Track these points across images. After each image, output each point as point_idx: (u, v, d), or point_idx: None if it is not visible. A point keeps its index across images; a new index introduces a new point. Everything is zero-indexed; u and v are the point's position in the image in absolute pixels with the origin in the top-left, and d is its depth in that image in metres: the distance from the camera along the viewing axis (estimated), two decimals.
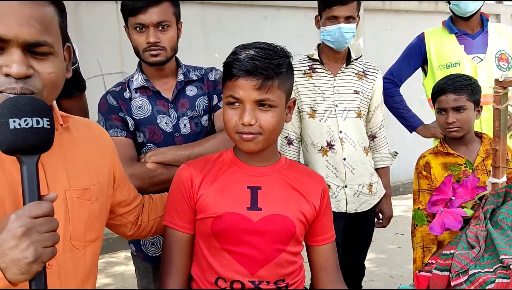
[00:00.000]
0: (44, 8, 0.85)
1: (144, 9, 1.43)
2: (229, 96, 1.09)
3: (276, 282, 1.12)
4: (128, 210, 1.19)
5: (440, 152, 1.77)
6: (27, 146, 0.76)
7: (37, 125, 0.76)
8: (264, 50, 1.08)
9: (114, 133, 1.46)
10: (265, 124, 1.08)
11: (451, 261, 1.18)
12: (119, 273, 3.71)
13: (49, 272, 0.88)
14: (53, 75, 0.86)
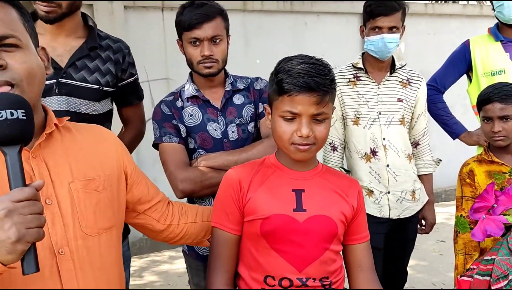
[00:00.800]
0: (5, 9, 0.95)
1: (200, 25, 1.53)
2: (287, 111, 1.14)
3: (321, 279, 1.19)
4: (149, 207, 1.23)
5: (484, 160, 1.77)
6: (4, 137, 0.82)
7: (11, 116, 0.82)
8: (316, 65, 1.14)
9: (168, 139, 1.58)
10: (319, 135, 1.15)
11: (492, 266, 1.21)
12: (164, 271, 3.86)
13: (63, 258, 0.96)
14: (25, 66, 0.93)
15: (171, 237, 1.30)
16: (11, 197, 0.79)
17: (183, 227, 1.29)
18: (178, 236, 1.30)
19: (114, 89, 1.67)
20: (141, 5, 4.61)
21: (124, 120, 1.85)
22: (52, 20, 1.50)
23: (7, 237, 0.76)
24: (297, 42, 5.24)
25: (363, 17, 2.03)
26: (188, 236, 1.31)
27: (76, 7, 1.56)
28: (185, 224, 1.29)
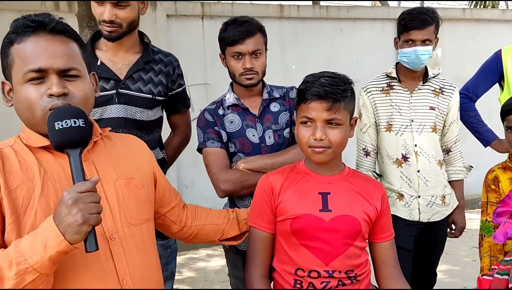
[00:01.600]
0: (68, 44, 1.12)
1: (242, 41, 1.69)
2: (303, 116, 1.31)
3: (347, 272, 1.31)
4: (168, 209, 1.39)
5: (509, 167, 1.83)
6: (69, 141, 1.01)
7: (75, 124, 1.02)
8: (332, 78, 1.29)
9: (211, 144, 1.74)
10: (333, 139, 1.28)
11: (510, 266, 1.29)
12: (201, 268, 4.05)
13: (114, 243, 1.12)
14: (83, 93, 1.12)
15: (184, 237, 1.47)
16: (76, 189, 0.97)
17: (194, 229, 1.45)
18: (191, 236, 1.46)
19: (164, 98, 1.85)
20: (182, 13, 4.83)
21: (173, 125, 2.03)
22: (114, 38, 1.70)
23: (74, 220, 0.94)
24: (332, 48, 5.32)
25: (397, 29, 2.11)
26: (199, 237, 1.47)
27: (134, 27, 1.75)
28: (196, 227, 1.45)
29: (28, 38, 1.08)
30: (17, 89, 1.10)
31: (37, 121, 1.08)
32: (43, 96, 1.07)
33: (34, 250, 0.95)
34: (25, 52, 1.08)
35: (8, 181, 1.05)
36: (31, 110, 1.08)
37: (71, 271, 1.06)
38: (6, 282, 0.94)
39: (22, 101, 1.09)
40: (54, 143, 1.04)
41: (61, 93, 1.07)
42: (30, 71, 1.06)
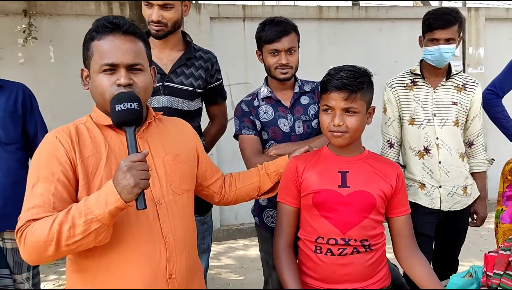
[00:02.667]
0: (137, 43, 1.35)
1: (279, 39, 1.90)
2: (324, 105, 1.50)
3: (362, 241, 1.49)
4: (211, 183, 1.61)
5: None
6: (126, 120, 1.24)
7: (130, 107, 1.24)
8: (351, 71, 1.47)
9: (246, 131, 1.95)
10: (350, 125, 1.46)
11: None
12: (239, 256, 4.29)
13: (160, 207, 1.34)
14: (144, 84, 1.34)
15: (227, 203, 1.69)
16: (130, 158, 1.18)
17: (233, 194, 1.67)
18: (233, 200, 1.68)
19: (204, 91, 2.09)
20: (225, 16, 5.07)
21: (211, 116, 2.27)
22: (160, 36, 1.95)
23: (128, 183, 1.15)
24: (371, 48, 5.39)
25: (422, 28, 2.26)
26: (240, 198, 1.69)
27: (178, 26, 2.00)
28: (235, 191, 1.67)
29: (106, 37, 1.32)
30: (93, 76, 1.34)
31: (106, 103, 1.32)
32: (113, 85, 1.31)
33: (98, 205, 1.17)
34: (103, 48, 1.32)
35: (82, 152, 1.30)
36: (102, 95, 1.32)
37: (127, 227, 1.30)
38: (77, 228, 1.17)
39: (97, 86, 1.33)
40: (114, 121, 1.27)
41: (127, 84, 1.30)
42: (105, 64, 1.31)
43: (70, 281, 1.38)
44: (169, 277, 1.34)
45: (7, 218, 2.21)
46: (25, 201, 1.28)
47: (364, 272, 1.50)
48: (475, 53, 5.75)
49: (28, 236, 1.20)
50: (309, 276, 1.54)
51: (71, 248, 1.20)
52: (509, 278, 1.39)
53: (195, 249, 1.48)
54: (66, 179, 1.27)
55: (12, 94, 2.26)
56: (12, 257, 2.23)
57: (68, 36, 4.59)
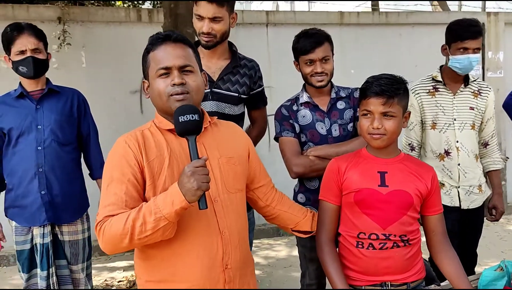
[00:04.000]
0: (186, 49, 1.49)
1: (313, 50, 2.04)
2: (364, 109, 1.62)
3: (401, 236, 1.60)
4: (257, 187, 1.68)
5: None
6: (189, 130, 1.36)
7: (192, 118, 1.36)
8: (388, 79, 1.59)
9: (286, 134, 2.09)
10: (388, 128, 1.58)
11: None
12: (265, 255, 4.41)
13: (217, 204, 1.46)
14: (195, 83, 1.46)
15: (266, 215, 1.76)
16: (193, 164, 1.31)
17: (276, 211, 1.72)
18: (272, 216, 1.74)
19: (247, 96, 2.24)
20: (249, 22, 5.20)
21: (252, 120, 2.41)
22: (210, 46, 2.11)
23: (192, 187, 1.27)
24: (391, 53, 5.46)
25: (448, 37, 2.39)
26: (278, 219, 1.75)
27: (226, 37, 2.15)
28: (279, 210, 1.72)
29: (159, 47, 1.48)
30: (152, 83, 1.50)
31: (164, 104, 1.47)
32: (168, 86, 1.45)
33: (165, 205, 1.31)
34: (157, 56, 1.48)
35: (148, 155, 1.45)
36: (160, 96, 1.47)
37: (188, 222, 1.44)
38: (148, 225, 1.31)
39: (155, 90, 1.48)
40: (178, 131, 1.40)
41: (180, 83, 1.44)
42: (160, 68, 1.46)
43: (138, 268, 1.54)
44: (225, 267, 1.47)
45: (66, 212, 2.40)
46: (101, 199, 1.43)
47: (403, 265, 1.62)
48: (495, 57, 5.80)
49: (106, 230, 1.36)
50: (350, 269, 1.66)
51: (142, 241, 1.35)
52: None
53: (247, 243, 1.61)
54: (135, 179, 1.42)
55: (68, 99, 2.45)
56: (70, 249, 2.42)
57: (99, 42, 4.79)
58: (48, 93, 2.41)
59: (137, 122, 3.88)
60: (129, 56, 4.81)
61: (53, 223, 2.39)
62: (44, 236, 2.35)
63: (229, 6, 2.10)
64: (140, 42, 4.72)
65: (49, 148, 2.35)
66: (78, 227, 2.47)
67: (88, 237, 2.54)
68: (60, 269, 2.42)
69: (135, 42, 4.85)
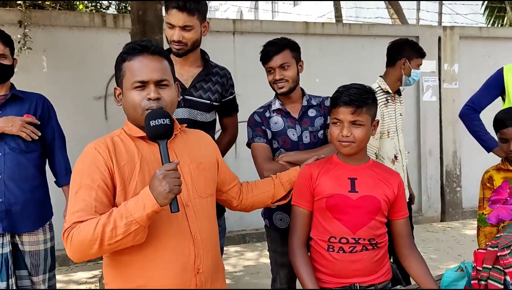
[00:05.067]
0: (163, 62, 1.50)
1: (271, 58, 2.11)
2: (334, 118, 1.69)
3: (369, 239, 1.67)
4: (229, 188, 1.75)
5: (502, 168, 2.18)
6: (160, 134, 1.37)
7: (164, 122, 1.37)
8: (357, 89, 1.66)
9: (258, 140, 2.13)
10: (356, 136, 1.65)
11: (499, 241, 1.62)
12: (232, 263, 4.41)
13: (188, 209, 1.48)
14: (170, 98, 1.48)
15: (244, 208, 1.83)
16: (165, 167, 1.32)
17: (251, 200, 1.81)
18: (249, 206, 1.82)
19: (219, 104, 2.26)
20: (215, 29, 5.22)
21: (224, 127, 2.43)
22: (181, 54, 2.12)
23: (163, 190, 1.29)
24: (354, 63, 5.63)
25: (410, 52, 2.68)
26: (256, 205, 1.83)
27: (197, 45, 2.17)
28: (252, 197, 1.81)
29: (136, 57, 1.48)
30: (126, 93, 1.50)
31: (138, 116, 1.47)
32: (143, 99, 1.46)
33: (136, 209, 1.31)
34: (134, 67, 1.48)
35: (119, 161, 1.44)
36: (134, 108, 1.47)
37: (160, 227, 1.44)
38: (119, 229, 1.31)
39: (129, 102, 1.49)
40: (149, 135, 1.42)
41: (156, 98, 1.46)
42: (136, 81, 1.46)
43: (107, 276, 1.52)
44: (197, 271, 1.48)
45: (26, 221, 2.32)
46: (69, 205, 1.41)
47: (371, 267, 1.68)
48: (450, 69, 6.09)
49: (74, 236, 1.34)
50: (321, 272, 1.71)
51: (112, 247, 1.34)
52: (497, 271, 1.59)
53: (218, 248, 1.63)
54: (105, 185, 1.41)
55: (32, 105, 2.39)
56: (30, 260, 2.33)
57: (61, 46, 4.69)
58: (11, 98, 2.35)
59: (101, 129, 3.88)
60: (94, 62, 4.74)
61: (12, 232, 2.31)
62: (2, 246, 2.27)
63: (200, 15, 2.12)
64: (105, 47, 4.78)
65: (10, 154, 2.28)
66: (39, 237, 2.39)
67: (51, 247, 2.46)
68: (21, 279, 2.34)
69: (100, 48, 4.79)
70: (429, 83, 5.96)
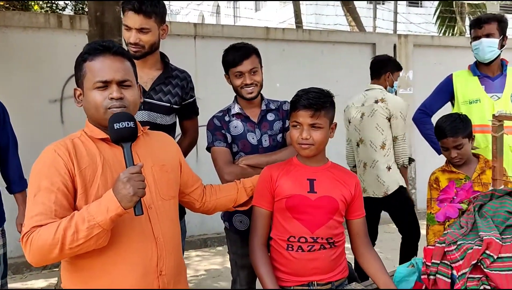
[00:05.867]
0: (125, 62, 1.50)
1: (241, 62, 2.12)
2: (294, 121, 1.74)
3: (327, 239, 1.72)
4: (192, 190, 1.75)
5: (446, 170, 2.31)
6: (124, 137, 1.37)
7: (128, 125, 1.37)
8: (316, 93, 1.72)
9: (218, 144, 2.15)
10: (315, 138, 1.71)
11: (446, 237, 1.72)
12: (192, 267, 4.39)
13: (151, 211, 1.48)
14: (133, 98, 1.49)
15: (206, 211, 1.83)
16: (129, 170, 1.32)
17: (213, 203, 1.82)
18: (211, 209, 1.83)
19: (179, 107, 2.26)
20: (176, 33, 5.21)
21: (183, 130, 2.44)
22: (138, 57, 2.11)
23: (128, 193, 1.29)
24: (314, 68, 5.75)
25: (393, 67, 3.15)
26: (218, 208, 1.84)
27: (155, 48, 2.17)
28: (215, 200, 1.82)
29: (97, 58, 1.48)
30: (87, 94, 1.48)
31: (100, 117, 1.46)
32: (105, 99, 1.45)
33: (99, 212, 1.30)
34: (95, 67, 1.47)
35: (80, 163, 1.43)
36: (96, 108, 1.46)
37: (122, 229, 1.44)
38: (80, 233, 1.30)
39: (90, 102, 1.47)
40: (113, 138, 1.41)
41: (119, 97, 1.46)
42: (98, 81, 1.45)
43: (66, 281, 1.49)
44: (159, 273, 1.49)
45: None
46: (27, 209, 1.38)
47: (329, 265, 1.74)
48: (405, 76, 6.33)
49: (34, 240, 1.31)
50: (281, 271, 1.75)
51: (73, 251, 1.33)
52: (445, 266, 1.68)
53: (180, 250, 1.64)
54: (65, 188, 1.39)
55: None
56: None
57: (15, 48, 4.54)
58: None
59: (57, 133, 3.80)
60: (49, 64, 4.61)
61: None
62: None
63: (157, 18, 2.12)
64: (61, 49, 4.66)
65: None
66: None
67: (3, 254, 2.38)
68: None
69: (56, 49, 4.67)
70: None
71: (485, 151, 2.57)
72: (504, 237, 1.61)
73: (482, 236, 1.62)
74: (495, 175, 2.11)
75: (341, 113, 3.37)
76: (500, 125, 2.07)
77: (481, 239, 1.62)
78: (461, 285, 1.55)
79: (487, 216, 1.74)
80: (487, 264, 1.53)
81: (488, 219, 1.73)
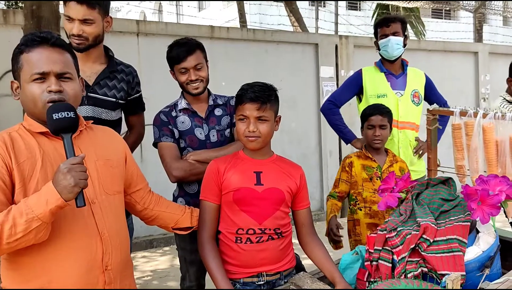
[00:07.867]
0: (64, 54, 1.46)
1: (185, 58, 2.11)
2: (240, 114, 1.75)
3: (275, 229, 1.76)
4: (134, 190, 1.70)
5: (362, 155, 2.47)
6: (64, 127, 1.34)
7: (68, 115, 1.34)
8: (261, 86, 1.75)
9: (165, 139, 2.12)
10: (262, 131, 1.74)
11: (387, 225, 1.82)
12: (139, 269, 4.30)
13: (94, 206, 1.45)
14: (73, 91, 1.45)
15: (145, 218, 1.79)
16: (70, 161, 1.31)
17: (154, 213, 1.77)
18: (151, 218, 1.78)
19: (125, 102, 2.21)
20: (118, 30, 5.07)
21: (129, 125, 2.39)
22: (81, 49, 2.04)
23: (68, 183, 1.26)
24: (259, 67, 5.83)
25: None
26: (157, 220, 1.79)
27: (99, 41, 2.10)
28: (157, 211, 1.77)
29: (35, 49, 1.42)
30: (24, 86, 1.43)
31: (38, 110, 1.41)
32: (44, 92, 1.40)
33: (38, 205, 1.27)
34: (32, 59, 1.41)
35: (18, 157, 1.37)
36: (34, 102, 1.41)
37: (63, 224, 1.40)
38: (18, 227, 1.25)
39: (28, 95, 1.42)
40: (52, 129, 1.37)
41: (58, 90, 1.41)
42: (36, 73, 1.40)
43: (7, 279, 1.42)
44: (105, 268, 1.46)
45: None
46: None
47: (277, 255, 1.77)
48: (346, 75, 6.56)
49: None
50: (230, 263, 1.76)
51: (11, 246, 1.28)
52: (386, 252, 1.77)
53: (128, 245, 1.61)
54: (2, 182, 1.34)
55: None
56: None
57: None
58: None
59: None
60: None
61: None
62: None
63: (101, 9, 2.06)
64: None
65: None
66: None
67: None
68: None
69: None
70: (328, 88, 6.36)
71: (390, 143, 2.77)
72: (439, 222, 1.73)
73: (419, 221, 1.73)
74: (430, 165, 2.26)
75: (285, 108, 3.36)
76: (434, 119, 2.22)
77: (419, 225, 1.72)
78: (401, 268, 1.65)
79: (423, 203, 1.86)
80: (424, 247, 1.64)
81: (425, 206, 1.84)
